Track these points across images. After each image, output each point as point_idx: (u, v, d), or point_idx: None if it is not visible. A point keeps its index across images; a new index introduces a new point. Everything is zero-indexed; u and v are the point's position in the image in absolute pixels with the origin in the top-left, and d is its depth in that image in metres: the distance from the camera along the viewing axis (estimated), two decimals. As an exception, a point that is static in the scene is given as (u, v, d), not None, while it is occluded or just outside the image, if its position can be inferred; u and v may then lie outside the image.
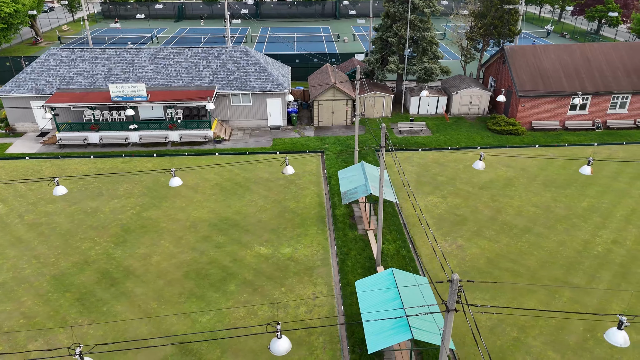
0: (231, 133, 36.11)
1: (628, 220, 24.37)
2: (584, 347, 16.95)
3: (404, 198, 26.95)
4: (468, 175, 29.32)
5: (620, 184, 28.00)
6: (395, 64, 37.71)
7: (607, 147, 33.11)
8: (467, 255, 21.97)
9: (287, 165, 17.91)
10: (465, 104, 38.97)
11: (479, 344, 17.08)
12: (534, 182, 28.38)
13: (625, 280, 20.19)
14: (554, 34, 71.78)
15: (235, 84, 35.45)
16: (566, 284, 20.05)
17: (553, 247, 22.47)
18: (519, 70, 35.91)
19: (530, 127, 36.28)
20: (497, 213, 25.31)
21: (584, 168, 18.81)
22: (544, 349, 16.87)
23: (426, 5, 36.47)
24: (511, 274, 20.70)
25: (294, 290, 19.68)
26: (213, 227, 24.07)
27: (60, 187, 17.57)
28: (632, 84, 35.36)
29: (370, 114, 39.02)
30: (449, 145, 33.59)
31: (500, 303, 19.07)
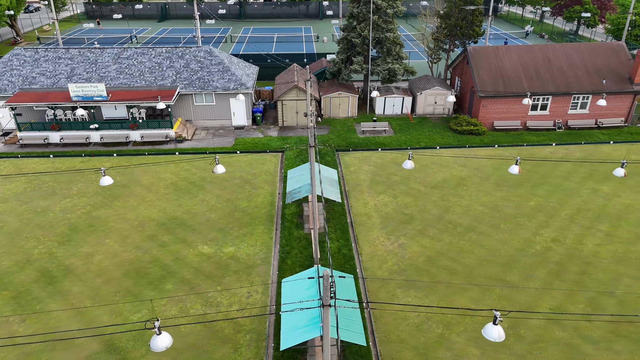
0: (194, 133, 36.25)
1: (572, 219, 24.67)
2: (504, 344, 17.20)
3: (355, 197, 27.18)
4: (422, 175, 29.58)
5: (571, 184, 28.32)
6: (360, 64, 37.94)
7: (564, 147, 33.46)
8: (407, 253, 22.20)
9: (217, 165, 18.08)
10: (430, 104, 39.24)
11: (405, 342, 17.31)
12: (486, 182, 28.66)
13: (559, 279, 20.46)
14: (533, 35, 72.27)
15: (198, 84, 35.59)
16: (500, 282, 20.32)
17: (494, 245, 22.74)
18: (480, 71, 36.21)
19: (492, 127, 36.59)
20: (444, 212, 25.57)
21: (512, 167, 19.08)
22: (466, 345, 17.11)
23: (389, 6, 36.71)
24: (448, 272, 20.95)
25: (230, 289, 19.87)
26: (160, 227, 24.22)
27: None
28: (592, 84, 35.72)
29: (336, 114, 39.23)
30: (409, 145, 33.85)
31: (431, 301, 19.30)
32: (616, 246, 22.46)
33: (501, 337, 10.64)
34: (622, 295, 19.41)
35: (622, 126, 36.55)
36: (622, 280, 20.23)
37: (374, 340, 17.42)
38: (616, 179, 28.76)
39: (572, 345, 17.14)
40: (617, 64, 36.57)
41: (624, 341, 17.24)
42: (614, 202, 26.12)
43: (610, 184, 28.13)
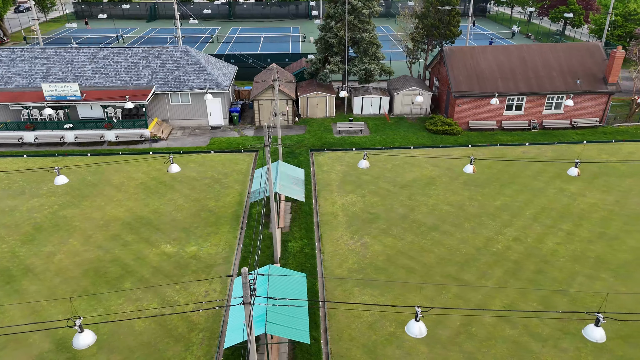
0: (170, 132, 36.32)
1: (535, 219, 24.84)
2: (454, 342, 17.34)
3: (324, 197, 27.30)
4: (393, 175, 29.72)
5: (538, 183, 28.49)
6: (337, 64, 38.07)
7: (537, 147, 33.65)
8: (368, 252, 22.33)
9: (171, 164, 18.18)
10: (407, 104, 39.38)
11: (356, 340, 17.44)
12: (455, 181, 28.81)
13: (515, 277, 20.63)
14: (520, 35, 72.51)
15: (174, 84, 35.66)
16: (456, 281, 20.46)
17: (454, 244, 22.88)
18: (455, 71, 36.37)
19: (468, 127, 36.77)
20: (410, 211, 25.71)
21: (467, 167, 19.23)
22: (415, 343, 17.26)
23: (365, 7, 36.85)
24: (406, 271, 21.08)
25: (187, 288, 19.97)
26: (125, 226, 24.30)
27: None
28: (566, 84, 35.92)
29: (314, 114, 39.35)
30: (383, 145, 33.99)
31: (386, 299, 19.44)
32: (575, 245, 22.64)
33: (422, 333, 10.77)
34: (575, 294, 19.57)
35: (597, 126, 36.76)
36: (576, 279, 20.40)
37: (326, 339, 17.55)
38: (584, 178, 28.94)
39: (520, 342, 17.29)
40: (592, 65, 36.78)
41: (571, 339, 17.40)
42: (579, 202, 26.31)
43: (577, 183, 28.33)
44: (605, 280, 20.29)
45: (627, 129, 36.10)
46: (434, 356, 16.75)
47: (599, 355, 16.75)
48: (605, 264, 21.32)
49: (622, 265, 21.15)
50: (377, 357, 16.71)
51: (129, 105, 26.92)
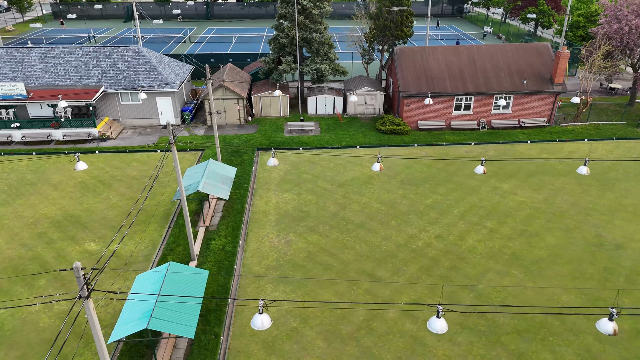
0: (121, 131, 36.45)
1: (462, 216, 25.19)
2: (353, 337, 17.62)
3: (260, 195, 27.53)
4: (333, 174, 30.00)
5: (473, 182, 28.85)
6: (289, 64, 38.33)
7: (481, 146, 34.04)
8: (290, 249, 22.58)
9: (77, 162, 18.36)
10: (360, 104, 39.69)
11: (257, 335, 17.69)
12: (393, 180, 29.14)
13: (427, 273, 20.95)
14: (491, 36, 73.11)
15: (124, 83, 35.79)
16: (370, 277, 20.74)
17: (376, 241, 23.18)
18: (405, 71, 36.73)
19: (417, 127, 37.13)
20: (341, 209, 25.99)
21: (375, 165, 19.53)
22: (314, 338, 17.52)
23: (315, 7, 37.14)
24: (323, 268, 21.35)
25: (102, 285, 20.15)
26: (54, 224, 24.43)
27: None
28: (513, 84, 36.36)
29: (268, 113, 39.58)
30: (331, 144, 34.26)
31: (297, 295, 19.69)
32: (494, 242, 23.00)
33: (264, 325, 11.03)
34: (482, 289, 19.91)
35: (544, 126, 37.23)
36: (487, 275, 20.74)
37: (228, 334, 17.78)
38: (519, 177, 29.32)
39: (417, 337, 17.59)
40: (540, 65, 37.24)
41: (467, 333, 17.72)
42: (508, 200, 26.69)
43: (511, 182, 28.73)
44: (515, 276, 20.64)
45: (574, 129, 36.57)
46: (331, 351, 17.02)
47: (491, 349, 17.08)
48: (519, 260, 21.68)
49: (534, 262, 21.52)
50: (274, 351, 16.96)
51: (63, 104, 27.05)
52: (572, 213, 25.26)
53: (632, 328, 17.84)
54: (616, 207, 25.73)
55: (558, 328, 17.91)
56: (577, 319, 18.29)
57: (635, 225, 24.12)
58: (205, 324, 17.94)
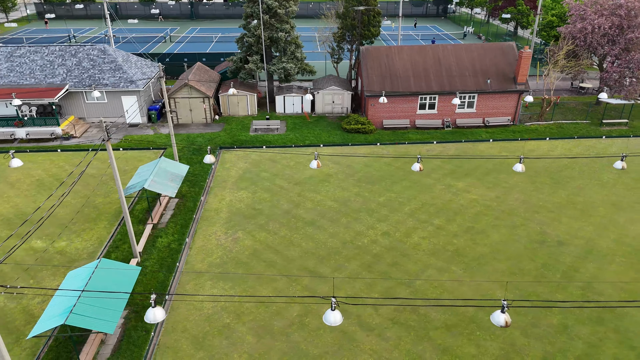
0: (86, 130, 36.49)
1: (411, 214, 25.37)
2: (284, 332, 17.76)
3: (215, 193, 27.64)
4: (292, 172, 30.14)
5: (429, 180, 29.05)
6: (255, 63, 38.47)
7: (442, 145, 34.26)
8: (237, 247, 22.71)
9: (12, 159, 18.44)
10: (328, 103, 39.86)
11: (188, 331, 17.80)
12: (350, 178, 29.30)
13: (368, 269, 21.11)
14: (472, 36, 73.47)
15: (88, 82, 35.84)
16: (311, 273, 20.89)
17: (323, 238, 23.33)
18: (370, 71, 36.91)
19: (382, 126, 37.33)
20: (294, 207, 26.13)
21: (312, 163, 19.68)
22: (245, 334, 17.64)
23: (280, 6, 37.29)
24: (266, 265, 21.48)
25: (41, 282, 20.21)
26: (4, 222, 24.43)
27: None
28: (477, 84, 36.60)
29: (236, 112, 39.69)
30: (294, 143, 34.40)
31: (235, 292, 19.81)
32: (439, 239, 23.18)
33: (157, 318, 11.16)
34: (419, 285, 20.09)
35: (509, 125, 37.49)
36: (427, 271, 20.93)
37: (159, 330, 17.88)
38: (476, 175, 29.54)
39: (347, 332, 17.75)
40: (504, 64, 37.50)
41: (397, 328, 17.89)
42: (460, 198, 26.90)
43: (467, 180, 28.93)
44: (453, 273, 20.83)
45: (537, 128, 36.85)
46: (259, 346, 17.16)
47: (418, 343, 17.25)
48: (461, 257, 21.87)
49: (475, 259, 21.72)
50: (202, 347, 17.08)
51: (17, 102, 27.09)
52: (520, 210, 25.48)
53: (560, 323, 18.04)
54: (565, 205, 25.97)
55: (487, 323, 18.10)
56: (507, 314, 18.48)
57: (581, 222, 24.36)
58: (138, 320, 18.04)
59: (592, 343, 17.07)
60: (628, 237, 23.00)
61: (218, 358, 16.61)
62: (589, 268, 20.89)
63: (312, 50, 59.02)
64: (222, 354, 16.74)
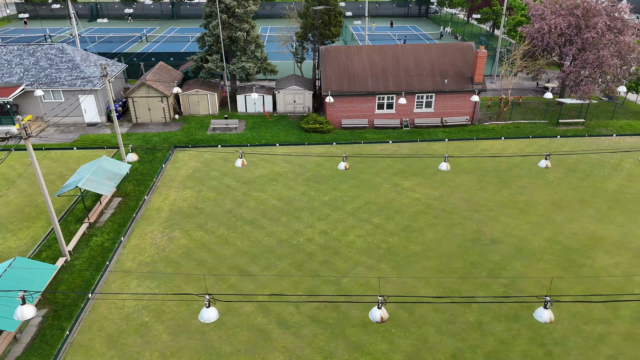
0: (43, 130, 36.39)
1: (352, 213, 25.42)
2: (201, 330, 17.76)
3: (159, 192, 27.61)
4: (243, 171, 30.15)
5: (378, 179, 29.11)
6: (215, 62, 38.47)
7: (397, 145, 34.33)
8: (170, 246, 22.70)
9: None
10: (289, 102, 39.90)
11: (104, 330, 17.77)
12: (299, 177, 29.33)
13: (298, 268, 21.14)
14: (449, 36, 73.72)
15: (45, 81, 35.75)
16: (240, 272, 20.89)
17: (260, 237, 23.35)
18: (328, 70, 36.97)
19: (340, 126, 37.39)
20: (237, 206, 26.14)
21: (237, 161, 19.70)
22: (160, 333, 17.63)
23: (238, 6, 37.32)
24: (197, 264, 21.48)
25: (-33, 281, 20.16)
26: (-59, 221, 24.44)
27: None
28: (434, 83, 36.72)
29: (196, 111, 39.66)
30: (250, 142, 34.43)
31: (161, 291, 19.80)
32: (375, 237, 23.25)
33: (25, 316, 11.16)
34: (345, 283, 20.15)
35: (467, 125, 37.63)
36: (356, 269, 20.98)
37: (75, 329, 17.84)
38: (424, 174, 29.63)
39: (265, 330, 17.77)
40: (462, 64, 37.64)
41: (315, 326, 17.93)
42: (404, 197, 26.98)
43: (414, 179, 29.02)
44: (382, 270, 20.89)
45: (494, 127, 37.01)
46: (172, 345, 17.16)
47: (332, 341, 17.29)
48: (392, 255, 21.94)
49: (406, 257, 21.80)
50: (115, 346, 17.07)
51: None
52: (461, 209, 25.58)
53: (476, 320, 18.14)
54: (507, 204, 26.10)
55: (405, 320, 18.17)
56: (426, 311, 18.57)
57: (518, 220, 24.49)
58: (55, 319, 18.00)
59: (503, 340, 17.18)
60: (561, 236, 23.14)
61: (129, 357, 16.61)
62: (516, 266, 21.00)
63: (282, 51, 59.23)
64: (134, 353, 16.74)
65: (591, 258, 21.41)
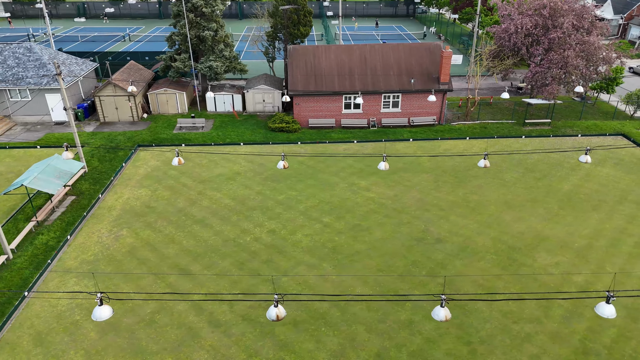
0: (10, 128, 36.39)
1: (304, 212, 25.41)
2: (131, 329, 17.74)
3: (114, 191, 27.60)
4: (202, 170, 30.15)
5: (335, 179, 29.10)
6: (183, 61, 38.49)
7: (361, 145, 34.33)
8: (115, 244, 22.68)
9: None
10: (258, 102, 39.90)
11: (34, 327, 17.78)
12: (257, 177, 29.33)
13: (239, 267, 21.14)
14: (433, 36, 73.74)
15: (12, 80, 35.78)
16: (182, 271, 20.90)
17: (206, 236, 23.35)
18: (295, 70, 36.98)
19: (307, 125, 37.40)
20: (190, 205, 26.13)
21: (174, 160, 19.70)
22: (89, 331, 17.60)
23: (205, 5, 37.34)
24: (138, 262, 21.47)
25: None
26: None
27: None
28: (400, 83, 36.72)
29: (165, 111, 39.67)
30: (215, 141, 34.44)
31: (98, 289, 19.81)
32: (322, 236, 23.24)
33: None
34: (284, 282, 20.15)
35: (433, 125, 37.63)
36: (297, 268, 20.97)
37: (5, 327, 17.85)
38: (382, 174, 29.61)
39: (194, 329, 17.77)
40: (430, 64, 37.64)
41: (245, 324, 17.92)
42: (359, 196, 26.97)
43: (371, 179, 29.01)
44: (322, 269, 20.89)
45: (461, 127, 37.01)
46: (100, 343, 17.15)
47: (260, 339, 17.29)
48: (336, 254, 21.94)
49: (349, 255, 21.79)
50: (42, 343, 17.06)
51: None
52: (412, 209, 25.58)
53: (407, 319, 18.14)
54: (459, 203, 26.10)
55: (337, 319, 18.17)
56: (359, 310, 18.57)
57: (467, 220, 24.49)
58: (-14, 316, 18.05)
59: (430, 338, 17.18)
60: (507, 235, 23.15)
61: (54, 354, 16.61)
62: (457, 265, 21.01)
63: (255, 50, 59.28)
64: (59, 351, 16.74)
65: (532, 257, 21.41)
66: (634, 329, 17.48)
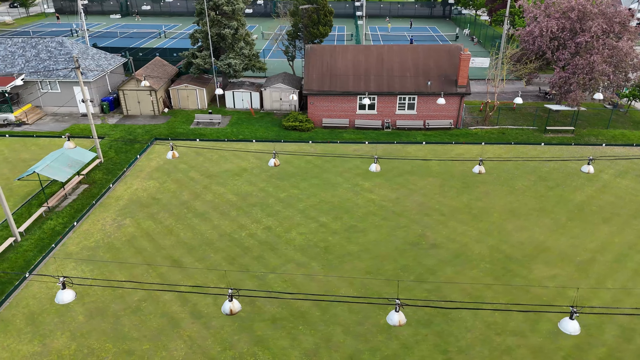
0: (40, 118, 38.39)
1: (303, 210, 25.46)
2: (117, 315, 18.36)
3: (125, 182, 28.61)
4: (211, 165, 30.77)
5: (339, 179, 28.99)
6: (204, 58, 39.37)
7: (372, 146, 33.99)
8: (116, 233, 23.52)
9: None
10: (276, 100, 40.28)
11: (28, 307, 18.72)
12: (263, 174, 29.64)
13: (230, 262, 21.45)
14: (466, 38, 72.04)
15: (44, 72, 37.74)
16: (174, 263, 21.43)
17: (205, 229, 23.83)
18: (311, 69, 37.09)
19: (321, 125, 37.40)
20: (194, 198, 26.75)
21: (168, 154, 20.22)
22: (78, 314, 18.37)
23: (226, 4, 38.03)
24: (135, 251, 22.19)
25: None
26: None
27: None
28: (416, 85, 36.12)
29: (186, 106, 40.72)
30: (228, 137, 35.06)
31: (92, 275, 20.62)
32: (316, 236, 23.24)
33: None
34: (270, 279, 20.29)
35: (450, 128, 36.78)
36: (286, 266, 21.08)
37: (4, 305, 18.90)
38: (387, 176, 29.23)
39: (176, 319, 18.20)
40: (448, 66, 36.84)
41: (225, 318, 18.19)
42: (360, 197, 26.76)
43: (375, 180, 28.72)
44: (311, 268, 20.89)
45: (478, 132, 36.00)
46: (85, 326, 17.86)
47: (236, 333, 17.51)
48: (327, 254, 21.89)
49: (340, 256, 21.69)
50: (33, 323, 17.96)
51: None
52: (412, 212, 25.15)
53: (386, 323, 17.88)
54: (461, 209, 25.44)
55: (316, 318, 18.15)
56: (340, 311, 18.47)
57: (467, 227, 23.83)
58: (-13, 294, 19.19)
59: (406, 344, 16.87)
60: (506, 244, 22.38)
61: (42, 334, 17.47)
62: (447, 271, 20.51)
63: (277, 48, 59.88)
64: (47, 331, 17.59)
65: (528, 268, 20.62)
66: (626, 349, 16.56)
